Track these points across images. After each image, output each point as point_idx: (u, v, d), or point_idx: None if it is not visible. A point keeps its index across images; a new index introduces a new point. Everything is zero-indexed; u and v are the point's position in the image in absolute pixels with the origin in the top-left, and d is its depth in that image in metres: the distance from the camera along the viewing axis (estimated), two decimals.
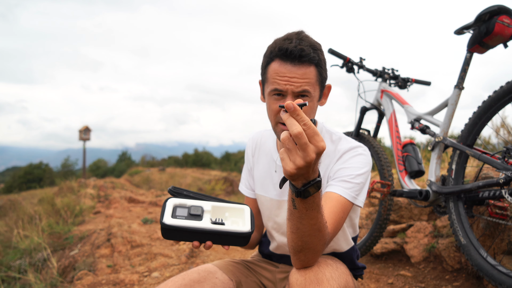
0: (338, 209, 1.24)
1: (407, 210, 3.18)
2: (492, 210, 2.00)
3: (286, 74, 1.28)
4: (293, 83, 1.27)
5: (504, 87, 1.84)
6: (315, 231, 1.06)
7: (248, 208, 1.35)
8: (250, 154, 1.65)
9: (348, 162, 1.35)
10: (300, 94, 1.29)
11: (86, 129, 17.07)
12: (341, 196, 1.27)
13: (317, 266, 1.15)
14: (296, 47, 1.25)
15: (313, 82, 1.29)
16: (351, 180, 1.31)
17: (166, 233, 1.21)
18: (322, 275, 1.12)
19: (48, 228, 5.33)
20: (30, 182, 27.99)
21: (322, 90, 1.37)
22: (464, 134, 2.05)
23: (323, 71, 1.32)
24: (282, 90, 1.29)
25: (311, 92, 1.29)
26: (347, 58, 2.76)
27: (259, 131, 1.67)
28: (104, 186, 8.86)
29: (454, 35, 2.18)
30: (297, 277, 1.12)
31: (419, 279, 2.45)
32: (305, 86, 1.27)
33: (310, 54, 1.26)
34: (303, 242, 1.09)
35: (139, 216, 5.67)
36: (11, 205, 8.13)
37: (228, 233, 1.23)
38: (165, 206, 1.25)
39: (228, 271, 1.48)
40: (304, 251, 1.11)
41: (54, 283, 3.56)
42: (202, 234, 1.22)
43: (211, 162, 31.42)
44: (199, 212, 1.26)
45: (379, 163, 2.71)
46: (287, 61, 1.27)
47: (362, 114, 2.94)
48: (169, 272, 3.12)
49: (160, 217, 1.22)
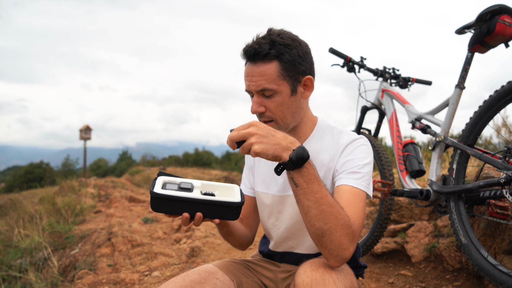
0: (355, 199, 1.26)
1: (407, 209, 3.18)
2: (493, 210, 2.00)
3: (248, 74, 1.33)
4: (253, 82, 1.31)
5: (505, 86, 1.84)
6: (326, 205, 1.10)
7: (237, 186, 1.36)
8: None
9: (353, 153, 1.37)
10: (263, 93, 1.33)
11: (87, 129, 17.07)
12: (354, 187, 1.28)
13: (323, 267, 1.14)
14: (251, 47, 1.29)
15: (273, 78, 1.30)
16: (359, 170, 1.32)
17: (156, 204, 1.20)
18: (328, 276, 1.11)
19: (48, 227, 5.33)
20: (30, 181, 28.01)
21: (295, 83, 1.35)
22: (465, 133, 2.05)
23: (288, 65, 1.31)
24: (248, 90, 1.36)
25: (274, 88, 1.31)
26: (348, 57, 2.75)
27: None
28: (104, 186, 8.86)
29: (455, 34, 2.18)
30: (303, 278, 1.12)
31: (420, 279, 2.45)
32: (264, 85, 1.30)
33: (265, 50, 1.28)
34: (320, 223, 1.10)
35: (139, 215, 5.67)
36: (11, 204, 8.13)
37: (219, 203, 1.23)
38: (155, 181, 1.25)
39: (229, 271, 1.47)
40: (326, 234, 1.11)
41: (54, 282, 3.56)
42: (192, 204, 1.21)
43: (211, 162, 31.41)
44: (189, 187, 1.26)
45: (380, 162, 2.71)
46: (249, 61, 1.33)
47: (363, 114, 2.94)
48: (169, 271, 3.12)
49: (150, 189, 1.21)
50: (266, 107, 1.35)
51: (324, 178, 1.40)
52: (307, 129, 1.47)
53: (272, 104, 1.34)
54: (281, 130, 1.34)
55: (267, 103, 1.34)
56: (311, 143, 1.46)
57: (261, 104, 1.35)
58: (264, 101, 1.34)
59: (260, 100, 1.34)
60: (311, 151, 1.41)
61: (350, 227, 1.14)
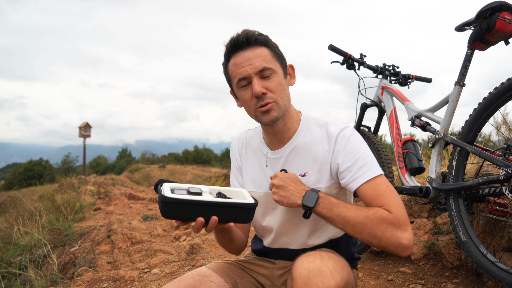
0: (378, 189, 1.31)
1: (407, 207, 3.18)
2: (492, 207, 2.00)
3: (242, 61, 1.36)
4: (251, 64, 1.35)
5: (505, 83, 1.83)
6: (354, 219, 1.24)
7: (245, 190, 1.37)
8: (237, 154, 1.65)
9: (348, 145, 1.39)
10: (263, 73, 1.36)
11: (86, 126, 17.05)
12: (371, 180, 1.32)
13: (320, 259, 1.16)
14: (241, 35, 1.37)
15: (269, 58, 1.38)
16: (364, 160, 1.35)
17: (168, 209, 1.14)
18: (325, 267, 1.13)
19: (48, 224, 5.34)
20: (30, 178, 28.01)
21: (284, 67, 1.45)
22: (464, 131, 2.04)
23: (276, 50, 1.41)
24: (245, 76, 1.37)
25: (272, 67, 1.37)
26: (348, 54, 2.75)
27: (242, 132, 1.70)
28: (104, 183, 8.86)
29: (455, 31, 2.17)
30: (300, 271, 1.13)
31: (419, 276, 2.45)
32: (263, 64, 1.36)
33: (256, 36, 1.37)
34: (362, 234, 1.23)
35: (139, 212, 5.68)
36: (11, 202, 8.13)
37: (235, 204, 1.21)
38: (162, 187, 1.21)
39: (223, 273, 1.46)
40: (374, 238, 1.22)
41: (54, 279, 3.57)
42: (207, 208, 1.17)
43: (211, 159, 31.40)
44: (199, 191, 1.23)
45: (379, 160, 2.71)
46: (239, 51, 1.37)
47: (363, 111, 2.94)
48: (169, 268, 3.12)
49: (159, 195, 1.16)
50: (267, 88, 1.37)
51: (320, 170, 1.43)
52: (293, 121, 1.50)
53: (272, 84, 1.37)
54: (282, 111, 1.40)
55: (267, 84, 1.37)
56: (300, 136, 1.48)
57: (262, 85, 1.37)
58: (263, 83, 1.37)
59: (260, 82, 1.37)
60: (302, 143, 1.46)
61: (386, 218, 1.21)
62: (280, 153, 1.50)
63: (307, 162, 1.44)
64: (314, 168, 1.43)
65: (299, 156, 1.46)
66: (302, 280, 1.10)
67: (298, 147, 1.47)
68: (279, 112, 1.39)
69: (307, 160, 1.45)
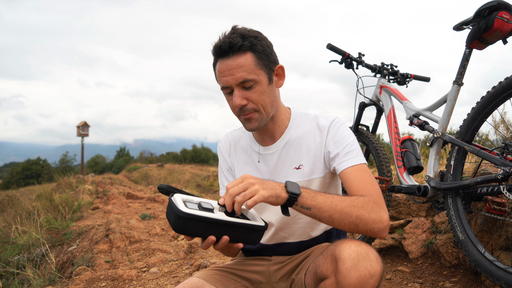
0: (361, 174, 1.36)
1: (405, 206, 3.19)
2: (490, 206, 2.00)
3: (225, 70, 1.35)
4: (232, 75, 1.34)
5: (503, 82, 1.83)
6: (340, 205, 1.22)
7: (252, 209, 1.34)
8: (226, 155, 1.66)
9: (337, 134, 1.45)
10: (244, 84, 1.36)
11: (84, 125, 17.01)
12: (355, 165, 1.37)
13: (365, 245, 1.18)
14: (224, 42, 1.33)
15: (251, 68, 1.35)
16: (351, 148, 1.42)
17: (182, 225, 1.11)
18: (371, 253, 1.15)
19: (46, 223, 5.33)
20: (28, 178, 27.94)
21: (270, 72, 1.42)
22: (462, 130, 2.04)
23: (262, 55, 1.37)
24: (227, 86, 1.37)
25: (254, 78, 1.36)
26: (346, 53, 2.75)
27: (227, 133, 1.70)
28: (102, 182, 8.85)
29: (453, 31, 2.18)
30: (350, 253, 1.14)
31: (417, 275, 2.46)
32: (244, 76, 1.34)
33: (239, 43, 1.32)
34: (346, 220, 1.22)
35: (137, 212, 5.67)
36: (9, 201, 8.11)
37: (246, 226, 1.19)
38: (174, 200, 1.17)
39: (216, 281, 1.45)
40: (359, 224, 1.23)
41: (52, 278, 3.56)
42: (219, 227, 1.14)
43: (209, 158, 31.34)
44: (211, 207, 1.20)
45: (377, 159, 2.71)
46: (223, 58, 1.35)
47: (361, 110, 2.94)
48: (167, 267, 3.12)
49: (173, 208, 1.12)
50: (248, 99, 1.38)
51: (313, 162, 1.47)
52: (283, 118, 1.53)
53: (254, 94, 1.37)
54: (263, 120, 1.43)
55: (248, 95, 1.37)
56: (291, 131, 1.52)
57: (243, 97, 1.37)
58: (245, 93, 1.37)
59: (241, 93, 1.37)
60: (294, 137, 1.50)
61: (369, 202, 1.25)
62: (273, 149, 1.53)
63: (300, 154, 1.49)
64: (308, 160, 1.47)
65: (293, 150, 1.50)
66: (352, 262, 1.12)
67: (290, 141, 1.51)
68: (260, 121, 1.42)
69: (300, 152, 1.49)
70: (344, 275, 1.11)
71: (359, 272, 1.10)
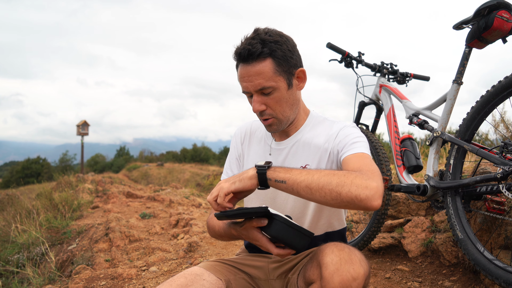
0: (361, 159, 1.32)
1: (405, 205, 3.19)
2: (490, 205, 2.00)
3: (244, 76, 1.38)
4: (251, 82, 1.37)
5: (503, 81, 1.83)
6: (317, 173, 1.19)
7: None
8: (239, 143, 1.71)
9: (346, 133, 1.46)
10: (262, 91, 1.39)
11: (84, 124, 16.99)
12: (357, 153, 1.36)
13: (347, 248, 1.18)
14: (244, 48, 1.35)
15: (270, 75, 1.36)
16: (357, 140, 1.41)
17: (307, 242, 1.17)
18: (354, 255, 1.15)
19: (46, 222, 5.33)
20: (28, 177, 27.95)
21: (290, 77, 1.43)
22: (462, 129, 2.05)
23: (281, 60, 1.38)
24: (246, 91, 1.42)
25: (272, 85, 1.38)
26: (346, 52, 2.75)
27: (248, 122, 1.75)
28: (102, 181, 8.85)
29: (453, 30, 2.18)
30: (332, 257, 1.15)
31: (417, 274, 2.46)
32: (262, 83, 1.37)
33: (258, 50, 1.34)
34: (328, 188, 1.15)
35: (137, 211, 5.67)
36: (9, 200, 8.12)
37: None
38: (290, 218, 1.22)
39: (216, 271, 1.48)
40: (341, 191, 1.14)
41: (52, 277, 3.56)
42: None
43: (209, 157, 31.34)
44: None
45: (377, 158, 2.71)
46: (243, 63, 1.38)
47: (361, 109, 2.94)
48: (167, 266, 3.12)
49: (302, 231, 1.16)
50: (266, 105, 1.42)
51: (319, 160, 1.48)
52: (300, 119, 1.56)
53: (272, 100, 1.41)
54: (282, 125, 1.47)
55: (267, 101, 1.41)
56: (304, 132, 1.55)
57: (262, 102, 1.41)
58: (264, 99, 1.41)
59: (260, 99, 1.41)
60: (305, 138, 1.53)
61: (353, 172, 1.19)
62: (284, 145, 1.56)
63: (308, 154, 1.51)
64: (315, 159, 1.49)
65: (301, 149, 1.53)
66: (334, 267, 1.12)
67: (300, 141, 1.54)
68: (278, 125, 1.47)
69: (308, 152, 1.51)
70: (327, 280, 1.12)
71: (342, 276, 1.11)
